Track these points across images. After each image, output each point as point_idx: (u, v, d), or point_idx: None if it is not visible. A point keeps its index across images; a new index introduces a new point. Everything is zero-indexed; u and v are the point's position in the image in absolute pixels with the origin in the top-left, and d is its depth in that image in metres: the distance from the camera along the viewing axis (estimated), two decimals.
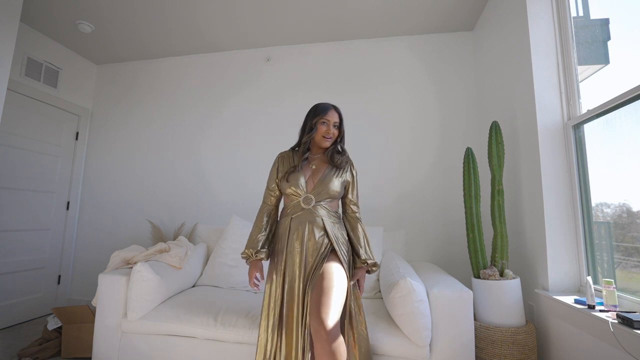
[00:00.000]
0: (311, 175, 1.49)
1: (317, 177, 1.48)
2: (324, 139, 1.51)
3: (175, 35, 2.96)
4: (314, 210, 1.43)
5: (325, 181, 1.45)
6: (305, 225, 1.41)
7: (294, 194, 1.46)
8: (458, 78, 2.80)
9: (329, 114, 1.51)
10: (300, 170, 1.48)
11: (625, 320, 1.21)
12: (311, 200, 1.44)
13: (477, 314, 1.77)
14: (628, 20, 1.59)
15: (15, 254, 2.76)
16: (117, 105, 3.42)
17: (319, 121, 1.51)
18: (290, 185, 1.46)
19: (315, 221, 1.42)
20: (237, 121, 3.11)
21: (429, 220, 2.66)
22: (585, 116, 1.66)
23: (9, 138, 2.71)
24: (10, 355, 2.11)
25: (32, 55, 2.86)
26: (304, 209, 1.44)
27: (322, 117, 1.50)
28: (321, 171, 1.50)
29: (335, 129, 1.53)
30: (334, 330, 1.18)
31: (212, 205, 3.04)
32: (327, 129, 1.50)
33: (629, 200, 1.50)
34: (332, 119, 1.51)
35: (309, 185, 1.47)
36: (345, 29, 2.84)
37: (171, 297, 1.96)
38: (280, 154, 1.61)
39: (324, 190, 1.44)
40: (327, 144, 1.52)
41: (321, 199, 1.44)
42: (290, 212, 1.47)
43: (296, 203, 1.46)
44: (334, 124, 1.52)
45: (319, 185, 1.45)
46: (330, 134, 1.51)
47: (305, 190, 1.45)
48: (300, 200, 1.44)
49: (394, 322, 1.59)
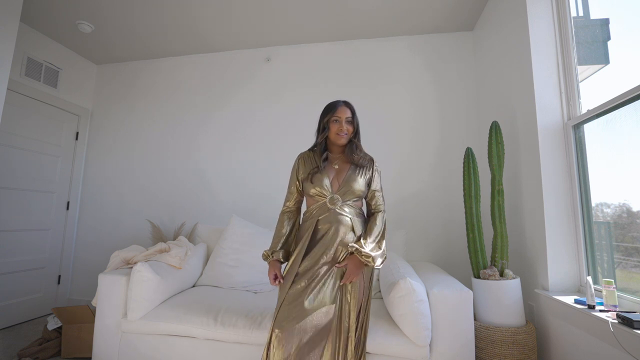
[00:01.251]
0: (335, 176, 1.48)
1: (341, 177, 1.47)
2: (338, 137, 1.49)
3: (175, 35, 2.96)
4: (341, 210, 1.42)
5: (350, 181, 1.44)
6: (334, 225, 1.40)
7: (319, 194, 1.44)
8: (458, 78, 2.80)
9: (338, 110, 1.49)
10: (324, 171, 1.47)
11: (625, 320, 1.21)
12: (338, 201, 1.42)
13: (477, 314, 1.77)
14: (628, 20, 1.59)
15: (15, 254, 2.76)
16: (117, 105, 3.42)
17: (331, 119, 1.49)
18: (314, 186, 1.44)
19: (344, 221, 1.41)
20: (237, 121, 3.11)
21: (429, 220, 2.66)
22: (585, 116, 1.66)
23: (9, 138, 2.71)
24: (10, 355, 2.11)
25: (32, 55, 2.86)
26: (331, 209, 1.42)
27: (332, 114, 1.49)
28: (345, 171, 1.49)
29: (348, 124, 1.50)
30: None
31: (212, 205, 3.04)
32: (340, 126, 1.48)
33: (629, 200, 1.50)
34: (343, 115, 1.49)
35: (334, 186, 1.45)
36: (345, 29, 2.84)
37: (171, 297, 1.96)
38: (301, 155, 1.59)
39: (349, 190, 1.43)
40: (342, 141, 1.50)
41: (348, 198, 1.43)
42: (316, 213, 1.44)
43: (322, 204, 1.44)
44: (346, 119, 1.49)
45: (344, 185, 1.44)
46: (343, 131, 1.48)
47: (330, 191, 1.44)
48: (327, 200, 1.43)
49: (394, 322, 1.59)
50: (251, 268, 2.23)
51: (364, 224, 1.48)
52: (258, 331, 1.61)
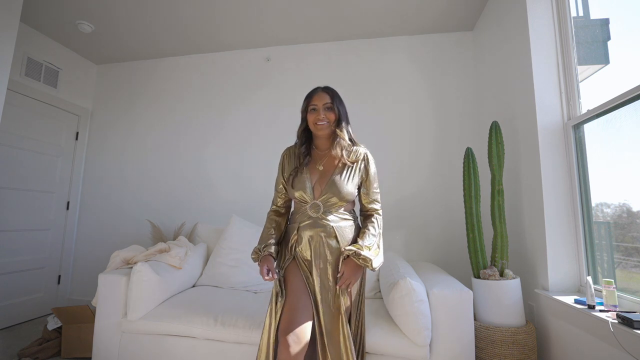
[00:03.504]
0: (318, 179, 1.33)
1: (324, 181, 1.32)
2: (317, 127, 1.32)
3: (175, 35, 2.96)
4: (324, 217, 1.29)
5: (335, 185, 1.29)
6: (315, 235, 1.29)
7: (301, 199, 1.33)
8: (458, 78, 2.79)
9: (314, 97, 1.34)
10: (306, 172, 1.34)
11: (625, 320, 1.21)
12: (319, 208, 1.29)
13: (477, 314, 1.77)
14: (628, 20, 1.59)
15: (16, 254, 2.76)
16: (117, 105, 3.42)
17: (308, 109, 1.34)
18: (295, 190, 1.33)
19: (326, 230, 1.28)
20: (237, 121, 3.11)
21: (429, 220, 2.66)
22: (585, 116, 1.66)
23: (9, 138, 2.71)
24: (10, 355, 2.11)
25: (32, 56, 2.86)
26: (312, 217, 1.30)
27: (308, 103, 1.34)
28: (330, 172, 1.33)
29: (328, 111, 1.32)
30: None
31: (212, 205, 3.04)
32: (317, 114, 1.31)
33: (629, 200, 1.50)
34: (320, 102, 1.32)
35: (317, 191, 1.31)
36: (345, 29, 2.84)
37: (171, 297, 1.96)
38: (286, 150, 1.45)
39: (333, 196, 1.29)
40: (322, 132, 1.33)
41: (331, 205, 1.29)
42: (299, 219, 1.34)
43: (304, 210, 1.33)
44: (325, 106, 1.32)
45: (328, 189, 1.29)
46: (321, 119, 1.31)
47: (312, 197, 1.31)
48: (307, 207, 1.31)
49: (394, 322, 1.59)
50: (251, 268, 2.22)
51: (353, 228, 1.35)
52: (258, 331, 1.61)
